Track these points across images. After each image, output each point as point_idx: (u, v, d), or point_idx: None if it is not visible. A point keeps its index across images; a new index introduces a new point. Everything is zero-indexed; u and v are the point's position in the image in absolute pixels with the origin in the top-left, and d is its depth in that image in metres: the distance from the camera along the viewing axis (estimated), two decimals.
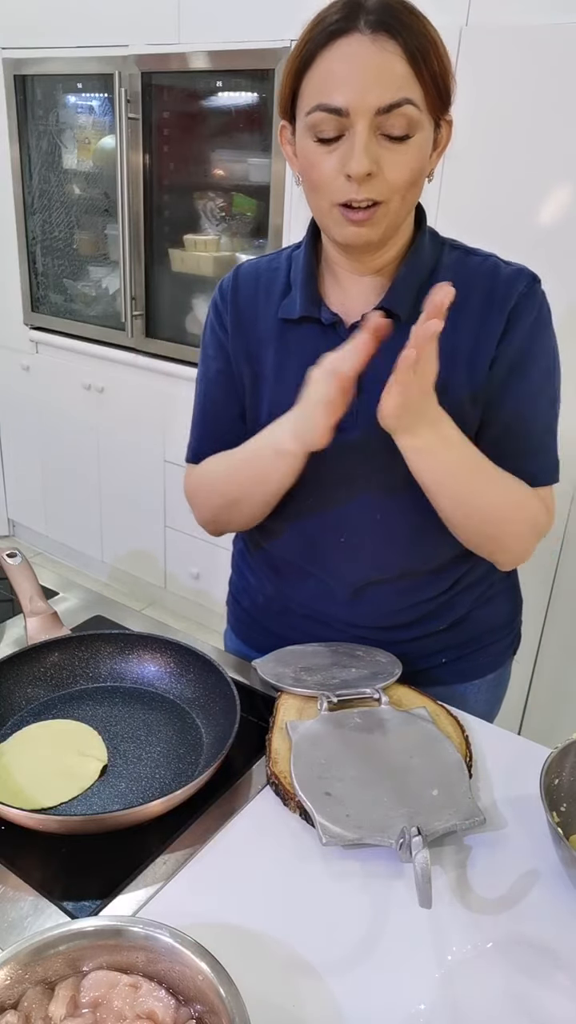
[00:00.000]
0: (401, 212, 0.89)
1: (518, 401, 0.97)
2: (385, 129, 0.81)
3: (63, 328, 2.99)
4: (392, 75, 0.79)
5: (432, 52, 0.81)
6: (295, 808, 0.87)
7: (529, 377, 0.96)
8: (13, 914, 0.75)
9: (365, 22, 0.79)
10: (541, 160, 1.72)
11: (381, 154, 0.83)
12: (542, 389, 0.98)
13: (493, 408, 0.97)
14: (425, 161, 0.87)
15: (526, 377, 0.96)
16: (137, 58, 2.40)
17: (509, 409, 0.97)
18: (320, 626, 1.14)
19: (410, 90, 0.80)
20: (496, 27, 1.71)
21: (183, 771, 0.91)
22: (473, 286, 0.96)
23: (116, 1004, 0.62)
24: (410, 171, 0.84)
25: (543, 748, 0.95)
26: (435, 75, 0.81)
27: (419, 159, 0.85)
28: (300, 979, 0.70)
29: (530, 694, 2.10)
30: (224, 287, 1.08)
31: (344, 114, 0.81)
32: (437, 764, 0.89)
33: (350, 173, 0.83)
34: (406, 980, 0.70)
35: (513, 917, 0.77)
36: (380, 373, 0.89)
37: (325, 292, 1.01)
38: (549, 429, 1.00)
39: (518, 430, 0.98)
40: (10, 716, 0.99)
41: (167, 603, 3.06)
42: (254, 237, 2.52)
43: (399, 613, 1.10)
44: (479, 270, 0.97)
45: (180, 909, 0.76)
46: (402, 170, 0.84)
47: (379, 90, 0.79)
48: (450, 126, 0.89)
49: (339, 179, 0.84)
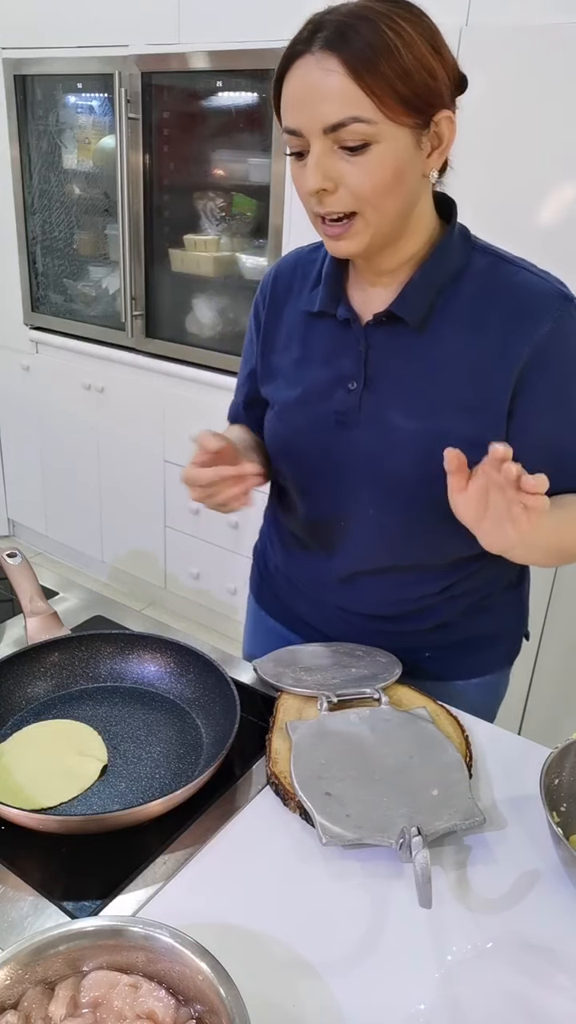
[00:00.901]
0: (384, 219, 0.88)
1: (564, 432, 0.95)
2: (341, 142, 0.82)
3: (63, 328, 2.99)
4: (334, 94, 0.80)
5: (385, 59, 0.79)
6: (295, 808, 0.87)
7: (568, 402, 0.94)
8: (13, 914, 0.75)
9: (317, 42, 0.81)
10: (541, 160, 1.72)
11: (342, 167, 0.84)
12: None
13: (539, 441, 0.93)
14: (397, 166, 0.84)
15: (571, 406, 0.94)
16: (137, 58, 2.40)
17: (558, 441, 0.95)
18: (315, 605, 1.17)
19: (356, 106, 0.80)
20: (496, 27, 1.71)
21: (183, 771, 0.91)
22: (496, 303, 0.92)
23: (116, 1004, 0.62)
24: (373, 179, 0.84)
25: (543, 748, 0.95)
26: (391, 81, 0.79)
27: (383, 166, 0.83)
28: (300, 979, 0.70)
29: (530, 694, 2.10)
30: (268, 273, 1.12)
31: (300, 135, 0.84)
32: (437, 764, 0.89)
33: (305, 190, 0.86)
34: (406, 980, 0.70)
35: (513, 917, 0.77)
36: (384, 371, 0.93)
37: (350, 289, 1.01)
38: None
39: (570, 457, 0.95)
40: (10, 716, 0.99)
41: (167, 603, 3.06)
42: (254, 237, 2.52)
43: (384, 605, 1.11)
44: (507, 284, 0.93)
45: (180, 909, 0.76)
46: (363, 179, 0.84)
47: (324, 110, 0.81)
48: (450, 121, 0.86)
49: (310, 194, 0.87)
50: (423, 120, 0.84)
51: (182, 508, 2.76)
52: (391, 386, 0.96)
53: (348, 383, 0.98)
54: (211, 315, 2.66)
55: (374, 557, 1.07)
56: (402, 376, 0.96)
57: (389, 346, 0.96)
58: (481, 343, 0.92)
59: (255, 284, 2.44)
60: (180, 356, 2.65)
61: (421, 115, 0.83)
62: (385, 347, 0.96)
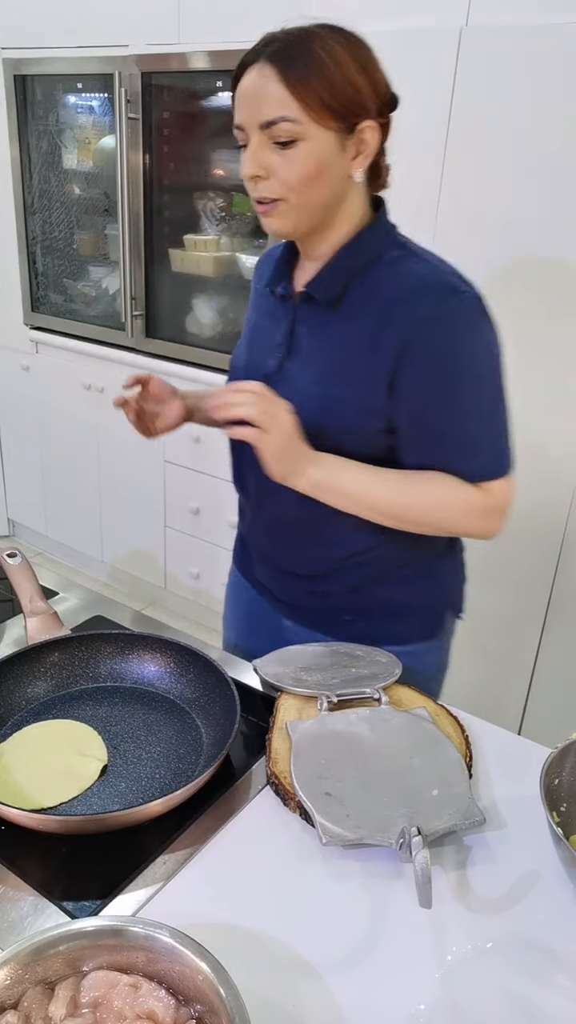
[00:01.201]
0: (306, 206, 1.01)
1: (439, 411, 1.03)
2: (274, 138, 0.97)
3: (63, 328, 2.99)
4: (269, 97, 0.95)
5: (318, 75, 0.94)
6: (295, 808, 0.87)
7: (449, 388, 1.02)
8: (13, 914, 0.75)
9: (264, 54, 0.96)
10: (541, 160, 1.72)
11: (273, 159, 0.98)
12: (468, 396, 1.03)
13: (415, 419, 1.04)
14: (319, 162, 0.97)
15: (446, 389, 1.02)
16: (137, 58, 2.40)
17: (431, 419, 1.03)
18: (260, 563, 1.28)
19: (286, 108, 0.94)
20: (496, 27, 1.71)
21: (183, 771, 0.91)
22: (379, 296, 1.03)
23: (116, 1004, 0.62)
24: (299, 171, 0.97)
25: (543, 748, 0.95)
26: (319, 91, 0.94)
27: (307, 161, 0.97)
28: (300, 979, 0.70)
29: (530, 694, 2.10)
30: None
31: (243, 129, 0.99)
32: (437, 764, 0.89)
33: (243, 176, 1.01)
34: (406, 980, 0.70)
35: (513, 917, 0.77)
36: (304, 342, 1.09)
37: (297, 270, 1.15)
38: (484, 430, 1.05)
39: (444, 437, 1.04)
40: (10, 716, 0.99)
41: (167, 603, 3.06)
42: (254, 237, 2.52)
43: (302, 564, 1.20)
44: (397, 277, 1.03)
45: (180, 909, 0.76)
46: (290, 170, 0.97)
47: (262, 110, 0.96)
48: (374, 131, 1.00)
49: (247, 179, 1.02)
50: (346, 126, 0.98)
51: (182, 508, 2.76)
52: (306, 355, 1.09)
53: (278, 350, 1.12)
54: (211, 315, 2.66)
55: (285, 517, 1.16)
56: (316, 347, 1.08)
57: (310, 320, 1.09)
58: (376, 321, 1.02)
59: None
60: (180, 356, 2.65)
61: (344, 122, 0.97)
62: (308, 321, 1.09)
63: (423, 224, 1.91)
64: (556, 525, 1.92)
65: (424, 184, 1.87)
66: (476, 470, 1.04)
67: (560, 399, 1.83)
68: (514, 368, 1.95)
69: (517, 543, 2.00)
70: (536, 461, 1.91)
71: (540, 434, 1.89)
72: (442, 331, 0.99)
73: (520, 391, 1.88)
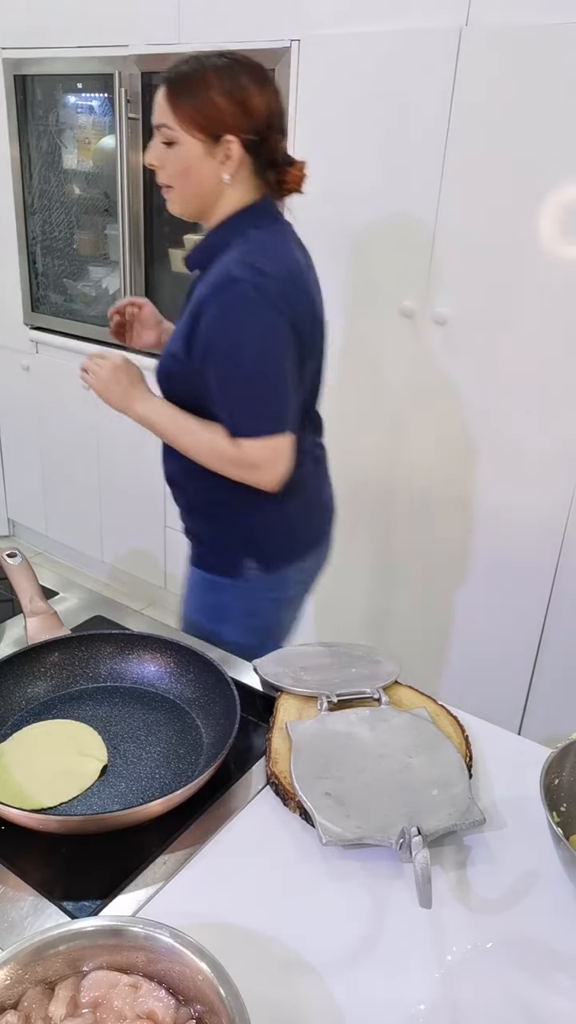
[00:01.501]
0: (184, 195, 1.28)
1: (212, 374, 1.26)
2: (163, 138, 1.24)
3: (63, 328, 2.99)
4: (159, 107, 1.23)
5: (188, 95, 1.21)
6: (295, 808, 0.87)
7: (217, 355, 1.24)
8: (13, 914, 0.75)
9: (164, 74, 1.24)
10: (541, 160, 1.72)
11: (163, 154, 1.25)
12: (231, 366, 1.24)
13: (201, 378, 1.27)
14: (187, 163, 1.24)
15: (216, 356, 1.25)
16: (137, 58, 2.40)
17: (209, 379, 1.27)
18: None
19: (166, 118, 1.22)
20: (496, 27, 1.71)
21: (183, 771, 0.91)
22: (215, 269, 1.27)
23: (116, 1004, 0.62)
24: (174, 167, 1.25)
25: (543, 748, 0.95)
26: (191, 112, 1.21)
27: (179, 160, 1.24)
28: (300, 979, 0.70)
29: (530, 694, 2.10)
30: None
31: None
32: (437, 764, 0.89)
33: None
34: (406, 980, 0.70)
35: (513, 917, 0.77)
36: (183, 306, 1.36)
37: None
38: (241, 396, 1.25)
39: (216, 395, 1.27)
40: (10, 716, 0.99)
41: (167, 603, 3.06)
42: None
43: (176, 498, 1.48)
44: (223, 259, 1.26)
45: (180, 909, 0.76)
46: (169, 166, 1.26)
47: (155, 115, 1.24)
48: (237, 145, 1.22)
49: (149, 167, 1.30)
50: (211, 138, 1.22)
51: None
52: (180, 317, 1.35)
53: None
54: None
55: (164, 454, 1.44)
56: (184, 311, 1.34)
57: (193, 288, 1.34)
58: (198, 293, 1.29)
59: None
60: None
61: (208, 134, 1.22)
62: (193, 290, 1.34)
63: (423, 223, 1.91)
64: (556, 525, 1.92)
65: (424, 184, 1.87)
66: (231, 427, 1.26)
67: (561, 397, 1.83)
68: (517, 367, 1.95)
69: (517, 542, 2.00)
70: (536, 459, 1.92)
71: (541, 433, 1.89)
72: (215, 309, 1.23)
73: (522, 390, 1.88)
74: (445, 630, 2.20)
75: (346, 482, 2.40)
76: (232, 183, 1.26)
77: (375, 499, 2.22)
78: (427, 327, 1.98)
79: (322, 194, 2.07)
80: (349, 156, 1.99)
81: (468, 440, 2.00)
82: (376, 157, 1.95)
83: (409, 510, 2.17)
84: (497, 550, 2.04)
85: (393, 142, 1.91)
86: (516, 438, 1.93)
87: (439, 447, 2.06)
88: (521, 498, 1.96)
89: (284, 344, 1.23)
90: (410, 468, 2.13)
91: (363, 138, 1.95)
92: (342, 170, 2.01)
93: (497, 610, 2.08)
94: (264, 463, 1.26)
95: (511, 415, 1.92)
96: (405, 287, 1.99)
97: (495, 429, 1.95)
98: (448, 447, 2.04)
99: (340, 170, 2.02)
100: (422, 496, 2.13)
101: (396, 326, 2.03)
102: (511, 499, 1.98)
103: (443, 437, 2.04)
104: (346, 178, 2.01)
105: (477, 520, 2.05)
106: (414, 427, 2.09)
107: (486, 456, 1.99)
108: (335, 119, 1.99)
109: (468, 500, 2.05)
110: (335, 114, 1.98)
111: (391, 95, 1.87)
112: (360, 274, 2.06)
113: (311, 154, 2.09)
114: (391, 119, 1.89)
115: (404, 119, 1.88)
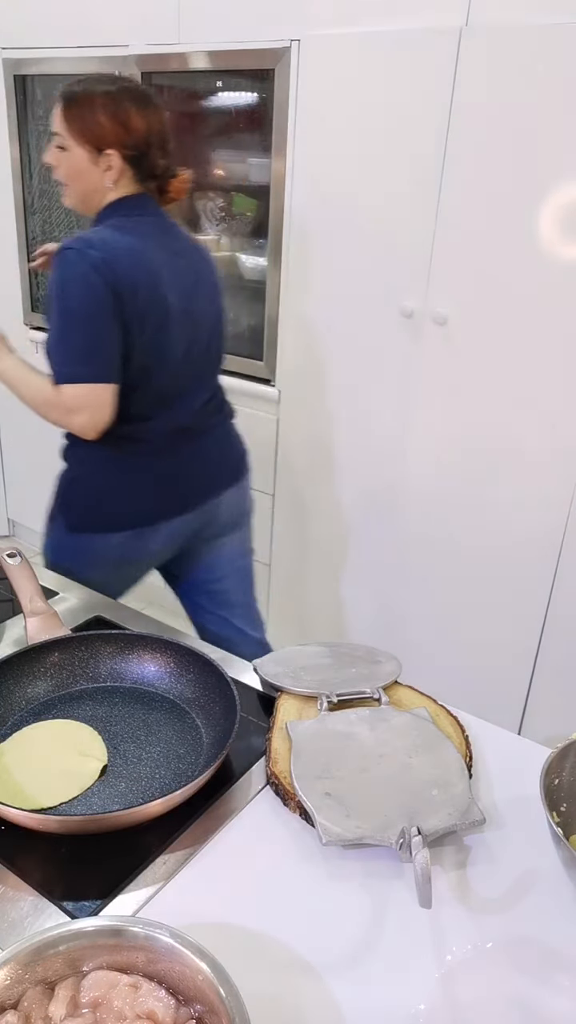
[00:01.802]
0: (75, 192, 1.50)
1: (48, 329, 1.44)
2: (57, 143, 1.46)
3: None
4: (55, 117, 1.45)
5: (74, 111, 1.43)
6: (295, 808, 0.87)
7: (48, 311, 1.42)
8: (13, 914, 0.75)
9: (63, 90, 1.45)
10: (541, 160, 1.72)
11: (58, 157, 1.47)
12: (54, 321, 1.40)
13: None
14: (74, 167, 1.46)
15: (47, 312, 1.43)
16: (137, 58, 2.40)
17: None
18: None
19: (59, 128, 1.45)
20: (496, 27, 1.71)
21: (183, 771, 0.91)
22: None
23: (116, 1004, 0.62)
24: (65, 169, 1.48)
25: (543, 748, 0.95)
26: (79, 127, 1.43)
27: (68, 164, 1.47)
28: (300, 979, 0.70)
29: (530, 694, 2.10)
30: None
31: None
32: (437, 764, 0.89)
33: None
34: (406, 980, 0.70)
35: (513, 917, 0.77)
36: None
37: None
38: (60, 347, 1.41)
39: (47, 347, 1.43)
40: (10, 716, 0.99)
41: (167, 603, 3.05)
42: (254, 237, 2.51)
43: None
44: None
45: (180, 909, 0.76)
46: (62, 167, 1.48)
47: (53, 123, 1.46)
48: (117, 158, 1.44)
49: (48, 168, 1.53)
50: (96, 150, 1.44)
51: None
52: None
53: None
54: None
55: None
56: None
57: None
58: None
59: (255, 284, 2.44)
60: None
61: (91, 146, 1.44)
62: None
63: (422, 223, 1.91)
64: (556, 524, 1.92)
65: (424, 184, 1.87)
66: (53, 375, 1.43)
67: (561, 397, 1.83)
68: (517, 367, 1.94)
69: (517, 542, 2.00)
70: (536, 459, 1.92)
71: (541, 432, 1.89)
72: (52, 275, 1.40)
73: (522, 390, 1.88)
74: (445, 630, 2.20)
75: (344, 481, 2.39)
76: (115, 187, 1.47)
77: (374, 498, 2.22)
78: (427, 327, 1.98)
79: (322, 194, 2.07)
80: (349, 156, 1.99)
81: (468, 440, 2.00)
82: (376, 157, 1.95)
83: (408, 510, 2.17)
84: (497, 550, 2.04)
85: (393, 142, 1.91)
86: (516, 438, 1.93)
87: (439, 447, 2.06)
88: (521, 498, 1.96)
89: (102, 304, 1.37)
90: (409, 468, 2.13)
91: (363, 138, 1.95)
92: (342, 170, 2.02)
93: (497, 610, 2.08)
94: (77, 408, 1.42)
95: (511, 415, 1.92)
96: (405, 287, 1.99)
97: (495, 429, 1.95)
98: (448, 447, 2.04)
99: (340, 170, 2.02)
100: (421, 496, 2.13)
101: (396, 326, 2.03)
102: (511, 499, 1.98)
103: (443, 437, 2.04)
104: (346, 178, 2.01)
105: (477, 520, 2.05)
106: (414, 427, 2.09)
107: (486, 456, 1.99)
108: (335, 119, 1.99)
109: (468, 500, 2.05)
110: (335, 114, 1.99)
111: (391, 95, 1.88)
112: (360, 274, 2.06)
113: (311, 154, 2.09)
114: (391, 119, 1.89)
115: (404, 119, 1.88)
